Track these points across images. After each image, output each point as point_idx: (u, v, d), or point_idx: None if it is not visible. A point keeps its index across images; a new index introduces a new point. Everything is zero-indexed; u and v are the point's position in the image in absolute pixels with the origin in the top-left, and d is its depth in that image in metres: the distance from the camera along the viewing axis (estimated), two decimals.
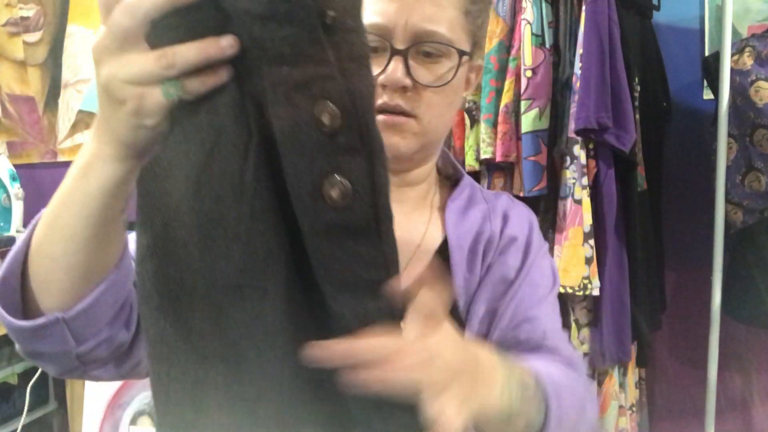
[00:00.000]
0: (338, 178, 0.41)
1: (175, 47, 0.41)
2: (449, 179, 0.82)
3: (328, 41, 0.41)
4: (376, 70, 0.64)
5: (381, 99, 0.65)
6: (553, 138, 1.37)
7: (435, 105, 0.67)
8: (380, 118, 0.65)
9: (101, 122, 0.48)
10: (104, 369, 0.57)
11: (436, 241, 0.74)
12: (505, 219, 0.76)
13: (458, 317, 0.69)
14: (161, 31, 0.41)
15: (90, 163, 0.50)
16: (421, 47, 0.65)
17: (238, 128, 0.41)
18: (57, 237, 0.50)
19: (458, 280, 0.70)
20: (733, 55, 1.36)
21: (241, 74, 0.41)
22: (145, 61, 0.42)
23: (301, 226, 0.42)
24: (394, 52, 0.64)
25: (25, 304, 0.52)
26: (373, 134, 0.43)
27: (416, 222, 0.75)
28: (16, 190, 1.86)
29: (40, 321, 0.50)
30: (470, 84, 0.75)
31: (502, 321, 0.70)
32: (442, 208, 0.76)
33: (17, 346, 0.54)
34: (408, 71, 0.64)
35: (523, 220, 0.77)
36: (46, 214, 0.52)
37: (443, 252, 0.72)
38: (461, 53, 0.67)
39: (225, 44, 0.41)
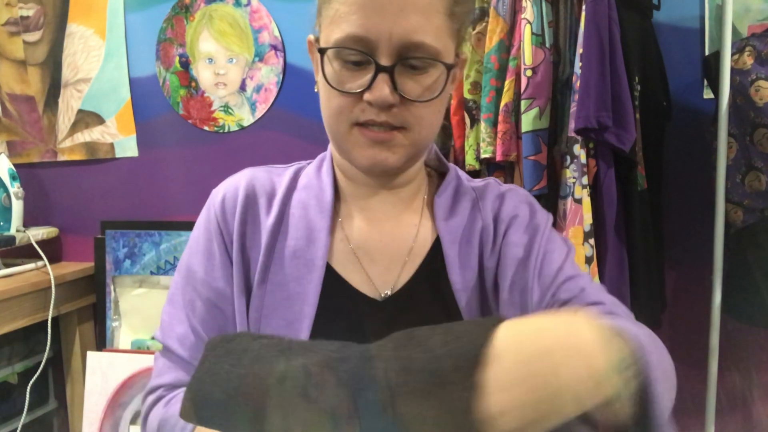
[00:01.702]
0: None
1: None
2: (436, 171, 0.81)
3: None
4: (358, 85, 0.62)
5: (366, 115, 0.63)
6: (553, 137, 1.37)
7: (425, 117, 0.64)
8: (366, 133, 0.63)
9: None
10: None
11: (428, 239, 0.73)
12: (500, 201, 0.74)
13: (459, 315, 0.68)
14: None
15: None
16: (408, 61, 0.61)
17: None
18: None
19: (454, 276, 0.69)
20: (733, 54, 1.35)
21: None
22: None
23: None
24: (380, 69, 0.60)
25: None
26: None
27: (408, 224, 0.74)
28: (16, 189, 1.86)
29: None
30: (455, 79, 0.71)
31: (534, 294, 0.67)
32: (431, 204, 0.75)
33: None
34: (395, 87, 0.61)
35: (522, 199, 0.75)
36: None
37: (436, 249, 0.71)
38: (449, 67, 0.64)
39: None
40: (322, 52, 0.63)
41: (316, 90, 0.73)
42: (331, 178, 0.74)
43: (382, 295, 0.70)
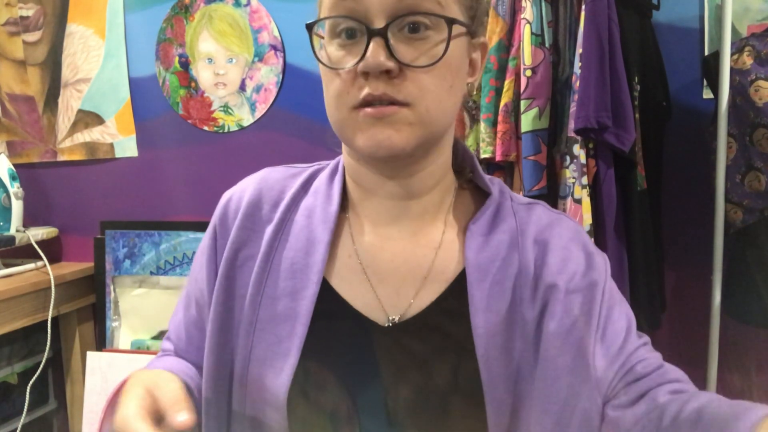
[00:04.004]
0: None
1: None
2: (470, 183, 0.71)
3: None
4: (354, 60, 0.57)
5: (364, 90, 0.56)
6: (552, 137, 1.37)
7: (430, 88, 0.57)
8: (366, 110, 0.56)
9: None
10: None
11: (451, 269, 0.64)
12: (545, 245, 0.64)
13: (473, 363, 0.60)
14: None
15: None
16: (403, 21, 0.55)
17: None
18: None
19: (477, 320, 0.61)
20: (732, 54, 1.35)
21: None
22: None
23: None
24: (372, 33, 0.55)
25: None
26: None
27: (426, 244, 0.65)
28: (15, 189, 1.86)
29: None
30: (475, 67, 0.64)
31: (598, 359, 0.60)
32: (462, 229, 0.66)
33: None
34: (390, 52, 0.55)
35: (574, 240, 0.65)
36: None
37: (460, 283, 0.63)
38: (450, 21, 0.56)
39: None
40: (309, 27, 0.59)
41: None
42: (341, 185, 0.68)
43: (391, 319, 0.63)
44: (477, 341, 0.60)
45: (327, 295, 0.64)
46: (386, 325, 0.63)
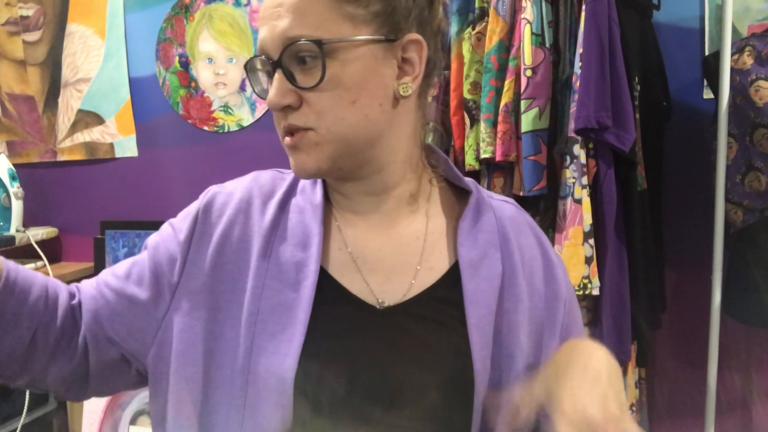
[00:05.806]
0: None
1: None
2: (446, 180, 0.77)
3: None
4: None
5: (282, 123, 0.65)
6: (553, 137, 1.37)
7: (326, 110, 0.62)
8: (286, 140, 0.65)
9: None
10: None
11: (442, 260, 0.70)
12: (521, 253, 0.72)
13: (467, 348, 0.66)
14: None
15: None
16: (285, 59, 0.62)
17: None
18: None
19: (471, 311, 0.67)
20: (733, 54, 1.35)
21: None
22: None
23: None
24: (269, 68, 0.64)
25: None
26: None
27: (409, 234, 0.71)
28: (15, 189, 1.86)
29: None
30: (412, 65, 0.65)
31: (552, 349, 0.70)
32: (449, 222, 0.72)
33: None
34: (293, 82, 0.62)
35: (535, 251, 0.73)
36: None
37: (453, 276, 0.69)
38: (318, 43, 0.60)
39: None
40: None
41: None
42: (323, 183, 0.73)
43: (385, 304, 0.68)
44: (470, 330, 0.66)
45: (326, 284, 0.68)
46: (380, 308, 0.67)
